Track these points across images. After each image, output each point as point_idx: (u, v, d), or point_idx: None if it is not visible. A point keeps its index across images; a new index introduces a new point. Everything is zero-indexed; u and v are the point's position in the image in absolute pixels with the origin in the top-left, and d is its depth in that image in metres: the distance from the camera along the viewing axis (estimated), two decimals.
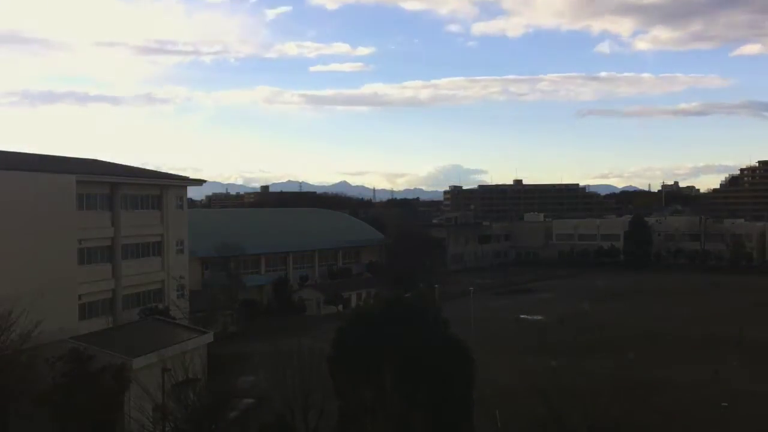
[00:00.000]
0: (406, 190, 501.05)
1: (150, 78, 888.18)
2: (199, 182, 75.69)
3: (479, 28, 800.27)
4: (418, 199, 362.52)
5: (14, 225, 42.65)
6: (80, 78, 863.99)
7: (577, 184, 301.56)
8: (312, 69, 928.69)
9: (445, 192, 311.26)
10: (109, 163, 68.21)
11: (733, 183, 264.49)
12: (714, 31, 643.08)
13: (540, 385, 31.57)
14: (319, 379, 32.33)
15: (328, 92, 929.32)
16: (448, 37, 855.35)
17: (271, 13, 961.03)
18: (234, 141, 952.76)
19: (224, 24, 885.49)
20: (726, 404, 44.81)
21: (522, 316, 79.80)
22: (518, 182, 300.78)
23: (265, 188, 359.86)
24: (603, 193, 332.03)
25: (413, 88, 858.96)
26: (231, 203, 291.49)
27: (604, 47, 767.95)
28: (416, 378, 30.51)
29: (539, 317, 78.90)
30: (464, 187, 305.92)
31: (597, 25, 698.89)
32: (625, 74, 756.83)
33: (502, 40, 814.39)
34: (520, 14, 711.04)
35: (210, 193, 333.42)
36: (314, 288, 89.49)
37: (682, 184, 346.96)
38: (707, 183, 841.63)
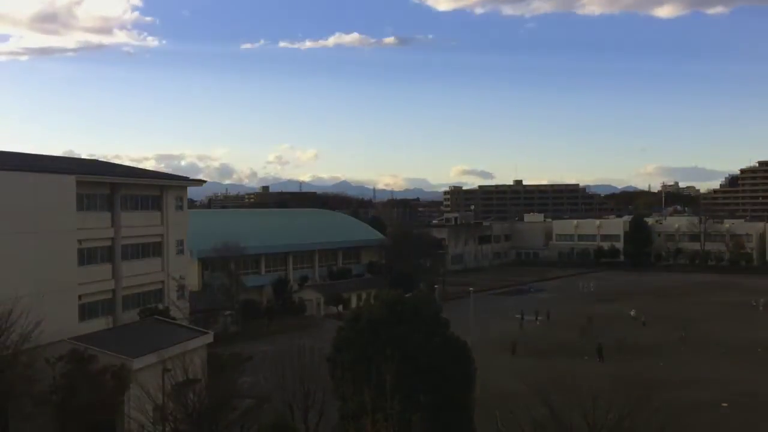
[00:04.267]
0: (407, 190, 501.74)
1: None
2: (200, 182, 75.57)
3: None
4: (418, 199, 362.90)
5: (14, 225, 42.61)
6: None
7: (577, 185, 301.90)
8: None
9: (445, 192, 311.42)
10: (109, 163, 68.24)
11: (733, 183, 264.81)
12: None
13: (541, 385, 31.54)
14: (319, 379, 32.36)
15: None
16: None
17: None
18: None
19: None
20: (726, 404, 44.85)
21: (517, 315, 79.89)
22: (518, 182, 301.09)
23: (265, 188, 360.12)
24: (603, 193, 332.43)
25: None
26: (231, 203, 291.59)
27: None
28: (416, 378, 30.49)
29: (537, 318, 78.98)
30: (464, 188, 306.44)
31: None
32: None
33: None
34: None
35: (210, 194, 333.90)
36: (314, 288, 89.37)
37: (682, 185, 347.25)
38: (707, 183, 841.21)
